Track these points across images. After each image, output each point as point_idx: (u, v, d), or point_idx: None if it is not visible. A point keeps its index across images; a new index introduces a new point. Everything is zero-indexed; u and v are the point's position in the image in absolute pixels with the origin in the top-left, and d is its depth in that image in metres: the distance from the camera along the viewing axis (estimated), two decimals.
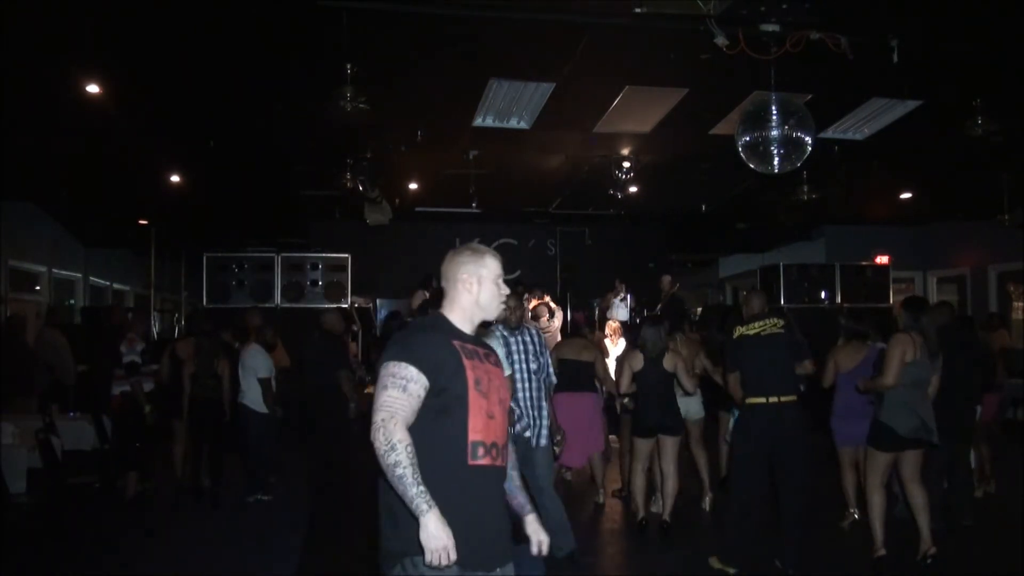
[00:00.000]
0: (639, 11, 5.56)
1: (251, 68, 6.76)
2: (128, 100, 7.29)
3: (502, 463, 2.49)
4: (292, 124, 8.18)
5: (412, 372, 2.33)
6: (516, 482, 2.68)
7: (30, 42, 6.03)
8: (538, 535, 2.62)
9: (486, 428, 2.41)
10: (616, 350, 8.15)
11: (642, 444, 5.93)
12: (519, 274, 13.22)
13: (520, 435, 4.62)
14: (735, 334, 5.15)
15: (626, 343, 8.07)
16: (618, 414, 7.03)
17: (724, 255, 16.78)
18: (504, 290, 2.60)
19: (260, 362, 7.06)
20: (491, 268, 2.56)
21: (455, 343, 2.45)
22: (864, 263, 12.18)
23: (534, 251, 13.88)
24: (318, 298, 10.11)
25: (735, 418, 5.53)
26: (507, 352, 4.67)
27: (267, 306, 9.71)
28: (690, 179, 10.51)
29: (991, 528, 6.03)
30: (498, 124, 8.33)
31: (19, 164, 8.88)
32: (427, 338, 2.44)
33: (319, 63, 6.34)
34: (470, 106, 7.84)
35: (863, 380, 5.35)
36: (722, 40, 5.52)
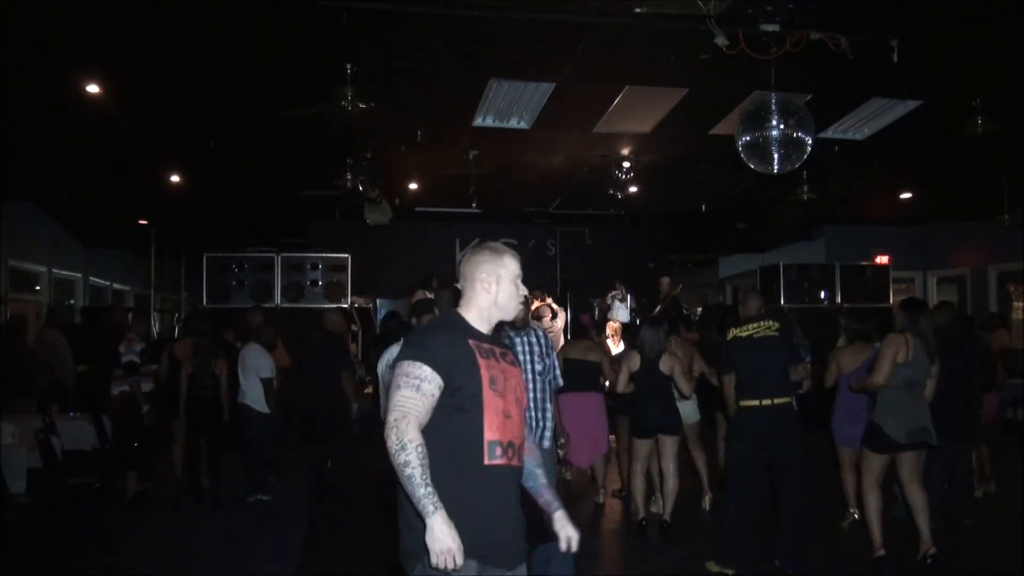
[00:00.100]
0: (639, 11, 5.57)
1: (251, 68, 6.76)
2: (128, 100, 7.29)
3: (518, 463, 2.48)
4: (292, 124, 8.17)
5: (426, 372, 2.32)
6: (542, 479, 2.67)
7: (30, 42, 6.04)
8: (566, 531, 2.59)
9: (502, 427, 2.40)
10: (617, 350, 8.15)
11: (641, 444, 5.93)
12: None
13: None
14: (729, 336, 5.16)
15: (625, 344, 8.08)
16: (614, 415, 7.02)
17: (724, 255, 16.78)
18: (522, 290, 2.60)
19: (262, 362, 7.06)
20: (510, 268, 2.56)
21: (470, 342, 2.43)
22: (864, 263, 12.17)
23: (534, 251, 13.87)
24: (318, 298, 10.10)
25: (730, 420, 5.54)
26: None
27: (267, 306, 9.70)
28: (690, 179, 10.52)
29: (991, 528, 6.02)
30: (498, 124, 8.33)
31: (19, 164, 8.88)
32: (442, 337, 2.44)
33: (319, 63, 6.34)
34: (470, 106, 7.84)
35: (856, 379, 5.36)
36: (722, 40, 5.52)
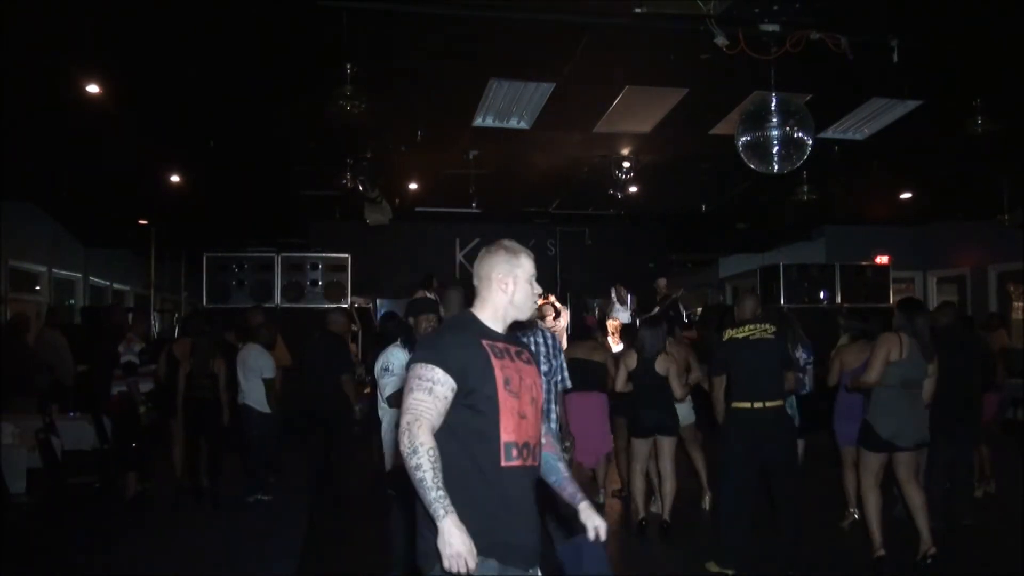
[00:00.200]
0: (639, 11, 5.57)
1: (251, 68, 6.76)
2: (128, 100, 7.29)
3: (533, 463, 2.48)
4: (292, 124, 8.18)
5: (438, 374, 2.31)
6: (564, 472, 2.67)
7: (30, 42, 6.03)
8: (593, 521, 2.60)
9: (518, 428, 2.39)
10: (616, 349, 8.16)
11: (640, 444, 5.93)
12: None
13: None
14: (725, 336, 5.14)
15: (624, 343, 8.08)
16: (612, 415, 7.01)
17: (724, 255, 16.78)
18: (537, 289, 2.59)
19: (264, 362, 7.07)
20: (526, 267, 2.56)
21: (484, 343, 2.42)
22: (864, 263, 12.17)
23: (534, 251, 13.71)
24: (318, 298, 10.11)
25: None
26: None
27: (267, 306, 9.71)
28: (690, 179, 10.51)
29: (991, 528, 6.02)
30: (498, 124, 8.33)
31: (19, 164, 8.88)
32: (455, 338, 2.42)
33: (319, 63, 6.34)
34: (470, 106, 7.84)
35: (851, 378, 5.36)
36: (722, 40, 5.52)
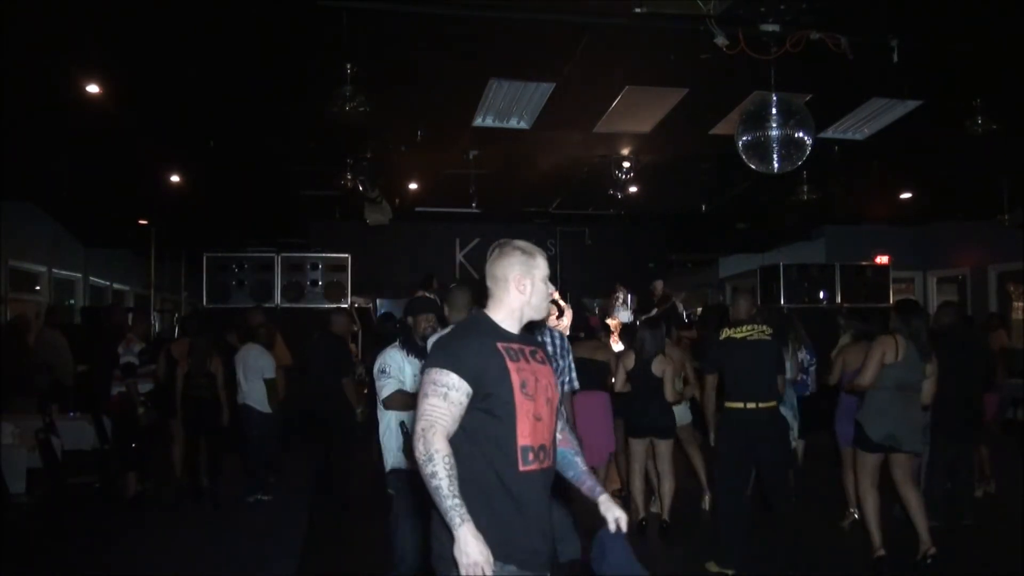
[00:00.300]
0: (639, 11, 5.56)
1: (251, 68, 6.76)
2: (128, 100, 7.28)
3: (549, 464, 2.47)
4: (292, 124, 8.18)
5: (453, 379, 2.30)
6: (582, 467, 2.68)
7: (30, 42, 6.03)
8: (613, 513, 2.60)
9: (534, 432, 2.39)
10: (618, 348, 8.15)
11: (637, 445, 5.94)
12: None
13: None
14: (722, 335, 5.13)
15: (624, 343, 8.08)
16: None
17: (724, 255, 16.77)
18: (551, 288, 2.57)
19: (265, 362, 7.09)
20: (542, 268, 2.54)
21: (499, 346, 2.40)
22: (864, 263, 12.16)
23: None
24: (318, 298, 10.10)
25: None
26: None
27: (267, 306, 9.71)
28: (690, 179, 10.51)
29: (991, 528, 6.02)
30: (498, 124, 8.32)
31: (19, 164, 8.88)
32: (470, 342, 2.40)
33: (319, 63, 6.34)
34: (470, 106, 7.83)
35: (847, 380, 5.36)
36: (722, 40, 5.52)
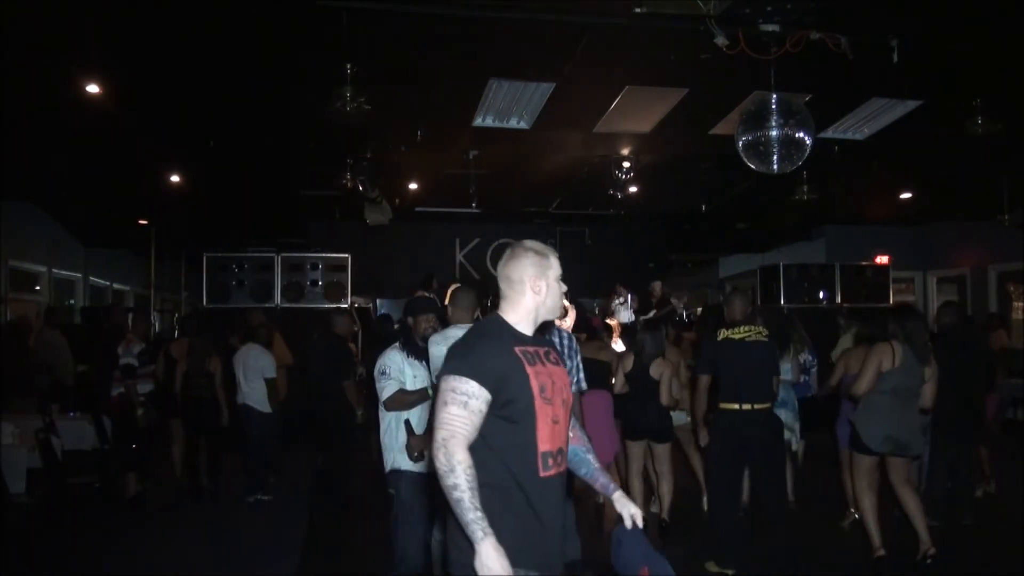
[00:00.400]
0: (639, 11, 5.57)
1: (251, 68, 6.76)
2: (128, 100, 7.29)
3: (565, 467, 2.46)
4: (292, 124, 8.18)
5: (473, 387, 2.26)
6: (595, 464, 2.67)
7: (30, 42, 6.03)
8: (628, 509, 2.59)
9: (552, 436, 2.37)
10: (619, 348, 8.15)
11: (634, 447, 5.94)
12: None
13: None
14: (720, 336, 5.10)
15: (625, 344, 8.08)
16: None
17: (724, 255, 16.78)
18: (563, 288, 2.56)
19: (266, 362, 7.10)
20: (555, 268, 2.52)
21: (517, 350, 2.38)
22: (864, 263, 12.17)
23: None
24: (318, 298, 10.10)
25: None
26: None
27: (267, 306, 9.72)
28: (690, 179, 10.51)
29: (991, 528, 6.02)
30: (498, 124, 8.33)
31: (19, 164, 8.88)
32: (488, 348, 2.36)
33: (319, 63, 6.34)
34: (470, 106, 7.83)
35: (844, 386, 5.37)
36: (722, 40, 5.52)
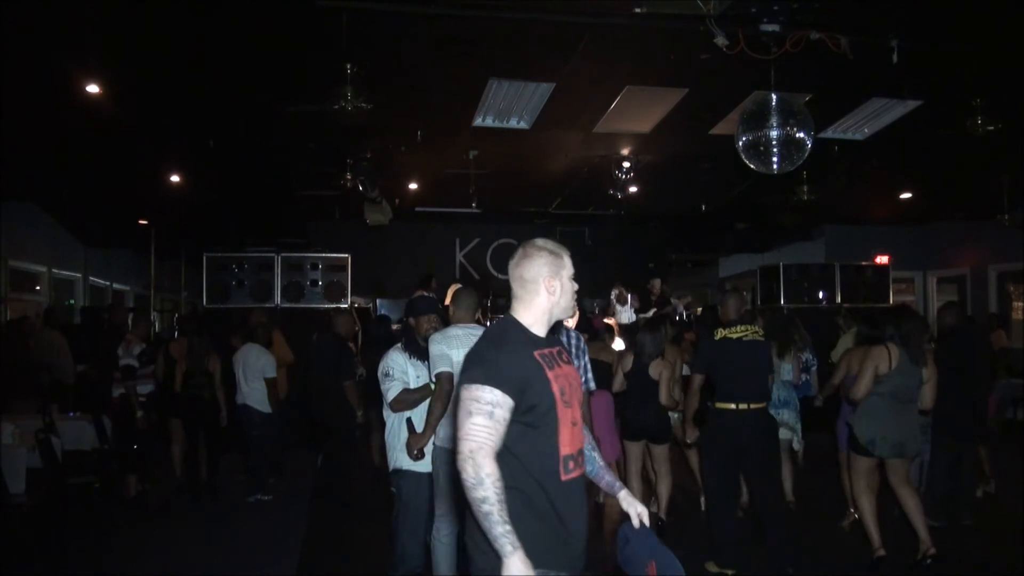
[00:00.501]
0: (639, 11, 5.57)
1: (251, 68, 6.76)
2: (128, 100, 7.29)
3: (584, 467, 2.46)
4: (292, 124, 8.18)
5: (497, 396, 2.22)
6: (600, 462, 2.68)
7: (30, 42, 6.03)
8: (635, 507, 2.59)
9: (572, 438, 2.36)
10: (619, 347, 8.16)
11: (632, 447, 5.94)
12: None
13: None
14: (717, 336, 5.09)
15: (624, 345, 8.08)
16: None
17: (724, 255, 16.78)
18: (575, 287, 2.55)
19: (266, 362, 7.11)
20: (569, 267, 2.51)
21: (536, 355, 2.34)
22: (864, 263, 12.16)
23: None
24: (318, 298, 10.10)
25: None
26: None
27: (267, 306, 9.71)
28: (690, 179, 10.51)
29: (991, 528, 6.02)
30: (498, 124, 8.33)
31: (19, 164, 8.88)
32: (508, 354, 2.31)
33: (319, 63, 6.34)
34: (470, 106, 7.84)
35: (842, 389, 5.37)
36: (722, 40, 5.52)
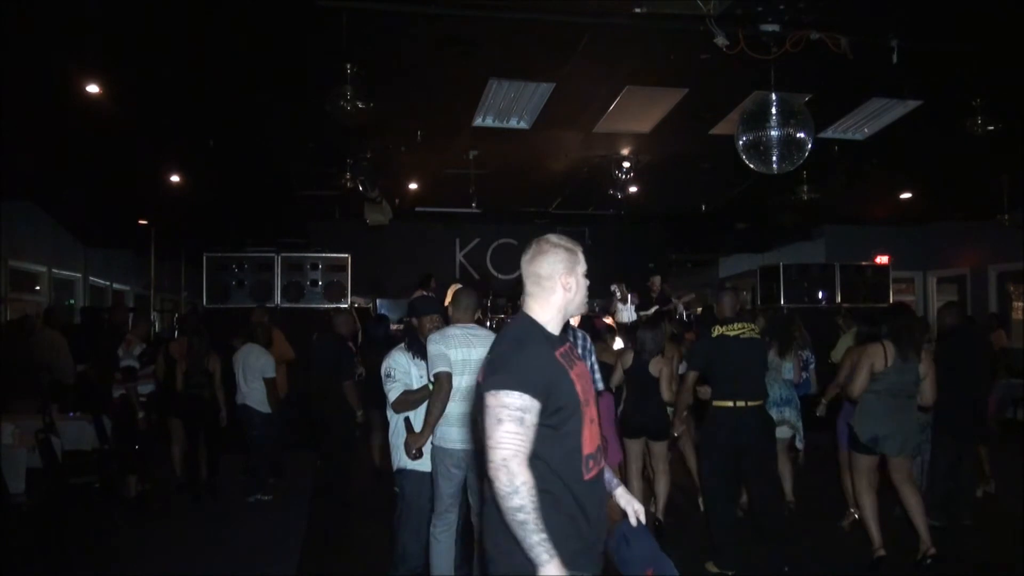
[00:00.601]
0: (639, 11, 5.57)
1: (251, 68, 6.76)
2: (128, 100, 7.29)
3: (602, 466, 2.43)
4: (292, 124, 8.18)
5: (527, 401, 2.18)
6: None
7: (30, 42, 6.03)
8: (632, 505, 2.57)
9: (591, 437, 2.34)
10: (617, 345, 8.15)
11: (632, 445, 5.94)
12: (519, 274, 13.20)
13: None
14: (714, 333, 5.10)
15: (623, 344, 8.08)
16: None
17: (724, 255, 16.78)
18: (587, 283, 2.53)
19: (265, 361, 7.10)
20: (583, 264, 2.48)
21: (558, 356, 2.32)
22: (864, 263, 12.16)
23: None
24: (318, 298, 10.10)
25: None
26: None
27: (267, 306, 9.71)
28: (690, 179, 10.52)
29: (991, 528, 6.02)
30: (498, 124, 8.34)
31: (19, 164, 8.88)
32: (533, 358, 2.27)
33: (319, 63, 6.34)
34: (470, 106, 7.84)
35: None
36: (722, 40, 5.52)
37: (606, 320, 9.06)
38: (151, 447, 7.23)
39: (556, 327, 2.43)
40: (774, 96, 5.87)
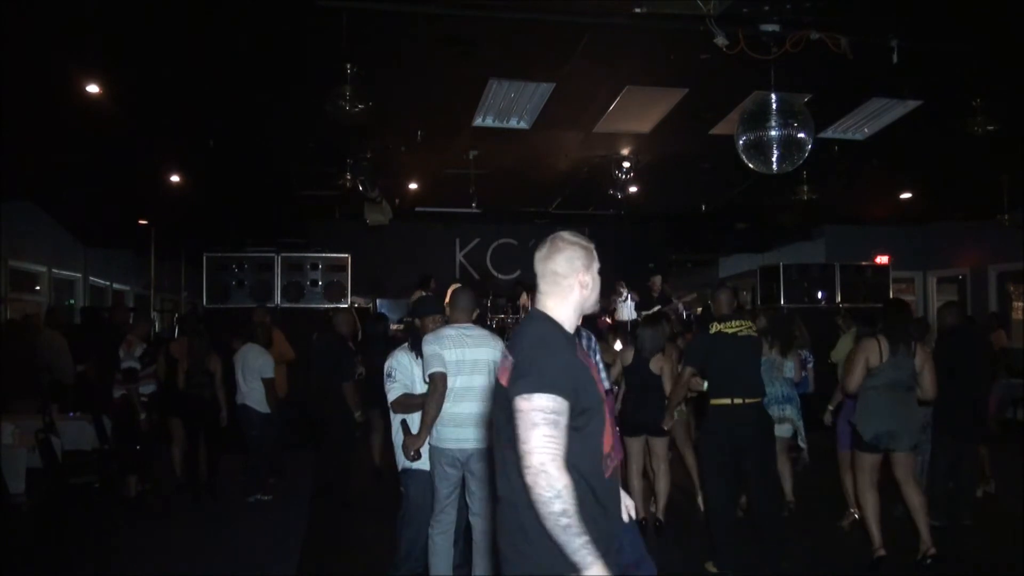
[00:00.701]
0: (639, 11, 5.58)
1: (251, 68, 6.76)
2: (128, 100, 7.29)
3: (617, 462, 2.44)
4: (292, 124, 8.18)
5: (559, 403, 2.15)
6: None
7: (30, 42, 6.04)
8: (624, 501, 2.57)
9: (610, 434, 2.34)
10: (616, 346, 8.16)
11: (633, 443, 5.93)
12: (519, 274, 13.22)
13: None
14: (711, 330, 5.09)
15: (623, 342, 8.08)
16: None
17: (724, 255, 16.79)
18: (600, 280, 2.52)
19: (264, 362, 7.10)
20: (597, 261, 2.48)
21: (579, 355, 2.32)
22: (864, 263, 12.17)
23: (534, 251, 13.83)
24: (318, 298, 10.11)
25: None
26: None
27: (267, 306, 9.72)
28: (690, 179, 10.52)
29: (991, 528, 6.02)
30: (498, 124, 8.34)
31: (19, 164, 8.88)
32: (558, 358, 2.25)
33: (319, 63, 6.34)
34: (470, 106, 7.84)
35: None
36: (722, 40, 5.53)
37: (608, 320, 9.07)
38: (151, 447, 7.23)
39: (572, 326, 2.41)
40: (774, 96, 5.86)
